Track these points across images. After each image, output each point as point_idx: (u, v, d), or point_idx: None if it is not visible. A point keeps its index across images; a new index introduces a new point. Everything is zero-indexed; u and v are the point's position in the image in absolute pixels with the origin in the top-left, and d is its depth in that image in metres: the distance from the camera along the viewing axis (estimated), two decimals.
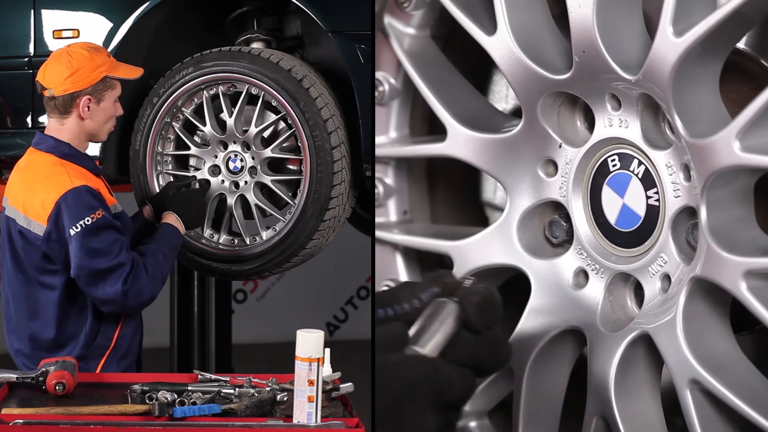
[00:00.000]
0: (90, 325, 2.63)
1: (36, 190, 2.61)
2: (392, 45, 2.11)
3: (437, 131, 2.07)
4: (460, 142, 1.99)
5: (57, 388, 2.26)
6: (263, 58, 2.84)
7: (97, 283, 2.56)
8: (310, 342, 1.99)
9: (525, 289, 1.96)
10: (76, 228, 2.54)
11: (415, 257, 2.20)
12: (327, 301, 6.79)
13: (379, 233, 2.17)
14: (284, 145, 2.86)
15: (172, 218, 2.82)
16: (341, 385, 2.24)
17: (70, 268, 2.58)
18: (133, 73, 2.79)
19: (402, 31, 2.12)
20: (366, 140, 2.75)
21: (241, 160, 2.90)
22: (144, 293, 2.59)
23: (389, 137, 2.18)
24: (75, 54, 2.69)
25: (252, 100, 2.88)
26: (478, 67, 2.17)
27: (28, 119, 3.07)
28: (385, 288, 2.15)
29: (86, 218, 2.55)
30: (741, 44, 1.73)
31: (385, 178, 2.19)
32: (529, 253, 1.96)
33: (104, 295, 2.56)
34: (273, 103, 2.84)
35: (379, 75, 2.16)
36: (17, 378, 2.33)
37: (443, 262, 2.16)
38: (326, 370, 2.17)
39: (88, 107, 2.68)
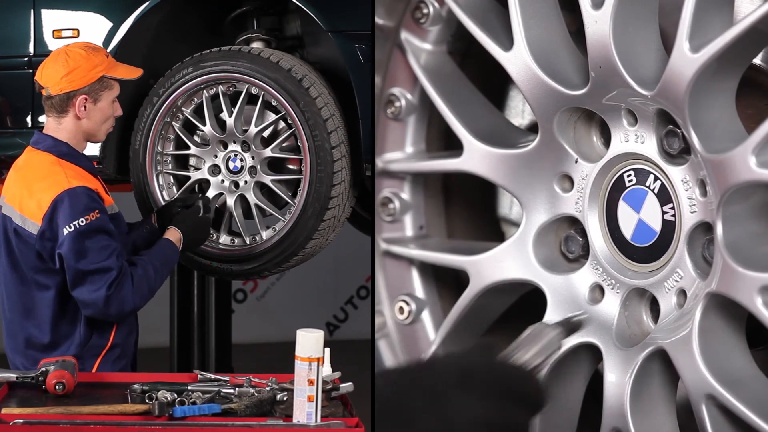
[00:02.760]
0: (85, 325, 2.62)
1: (33, 189, 2.61)
2: (409, 60, 2.11)
3: (453, 146, 2.07)
4: (476, 157, 1.99)
5: (57, 387, 2.26)
6: (263, 57, 2.84)
7: (82, 284, 2.54)
8: (310, 342, 1.99)
9: (541, 305, 1.96)
10: (69, 228, 2.53)
11: (431, 272, 2.20)
12: (327, 301, 6.79)
13: (395, 248, 2.17)
14: (284, 144, 2.86)
15: (174, 235, 2.79)
16: (341, 385, 2.24)
17: (62, 268, 2.58)
18: (132, 73, 2.78)
19: (419, 47, 2.12)
20: (366, 140, 2.75)
21: (241, 160, 2.90)
22: (126, 303, 2.56)
23: (405, 152, 2.18)
24: (72, 53, 2.69)
25: (252, 99, 2.88)
26: (494, 83, 2.17)
27: (28, 119, 3.08)
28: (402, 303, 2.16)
29: (81, 219, 2.54)
30: (757, 60, 1.74)
31: (402, 193, 2.19)
32: (545, 269, 1.96)
33: (87, 298, 2.54)
34: (273, 103, 2.84)
35: (395, 90, 2.16)
36: (17, 378, 2.33)
37: (459, 277, 2.16)
38: (326, 369, 2.17)
39: (85, 107, 2.67)
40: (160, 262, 2.70)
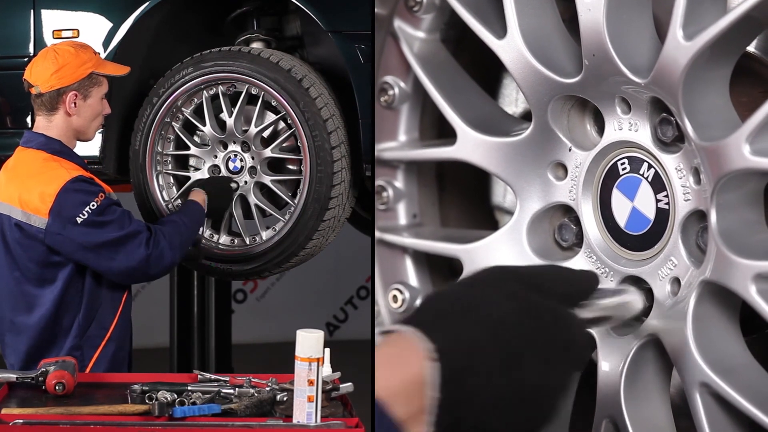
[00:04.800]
0: (84, 314, 2.64)
1: (31, 185, 2.62)
2: (402, 48, 2.10)
3: (447, 135, 2.07)
4: (469, 145, 1.99)
5: (57, 388, 2.26)
6: (263, 58, 2.84)
7: (119, 252, 2.59)
8: (310, 342, 1.99)
9: None
10: (83, 215, 2.57)
11: (424, 261, 2.20)
12: (327, 301, 6.79)
13: (388, 237, 2.17)
14: (284, 145, 2.86)
15: (199, 196, 2.84)
16: (341, 385, 2.24)
17: (73, 259, 2.60)
18: (120, 70, 2.81)
19: (412, 35, 2.11)
20: (366, 140, 2.75)
21: (241, 160, 2.90)
22: (165, 258, 2.63)
23: (399, 141, 2.18)
24: (61, 51, 2.71)
25: (252, 100, 2.88)
26: (488, 71, 2.17)
27: (28, 119, 3.07)
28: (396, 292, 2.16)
29: (91, 203, 2.58)
30: (751, 47, 1.73)
31: (395, 181, 2.19)
32: (539, 257, 1.96)
33: (128, 263, 2.59)
34: (273, 103, 2.84)
35: (388, 78, 2.15)
36: (17, 378, 2.33)
37: (453, 265, 2.16)
38: (326, 370, 2.17)
39: (75, 103, 2.68)
40: (189, 219, 2.77)
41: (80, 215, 2.56)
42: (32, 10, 3.08)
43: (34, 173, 2.64)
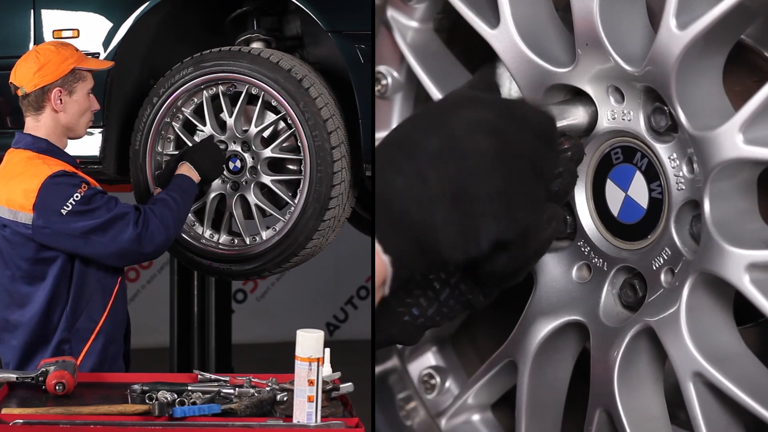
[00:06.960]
0: (71, 307, 2.64)
1: (14, 184, 2.63)
2: (395, 38, 2.10)
3: None
4: None
5: (57, 388, 2.26)
6: (263, 58, 2.84)
7: (108, 235, 2.58)
8: (310, 342, 1.99)
9: (527, 282, 1.95)
10: (68, 206, 2.57)
11: None
12: (327, 301, 6.79)
13: None
14: (284, 145, 2.86)
15: (184, 168, 2.84)
16: (341, 385, 2.24)
17: (63, 250, 2.60)
18: (102, 64, 2.84)
19: (405, 25, 2.12)
20: (366, 140, 2.76)
21: (241, 160, 2.90)
22: (157, 237, 2.63)
23: None
24: (42, 50, 2.74)
25: (252, 100, 2.88)
26: (481, 60, 2.17)
27: None
28: None
29: (74, 195, 2.58)
30: (744, 36, 1.73)
31: None
32: None
33: (119, 244, 2.59)
34: (273, 103, 2.84)
35: (381, 68, 2.15)
36: (17, 378, 2.33)
37: None
38: (326, 370, 2.17)
39: (60, 99, 2.70)
40: (177, 193, 2.76)
41: (65, 207, 2.57)
42: (32, 10, 3.09)
43: (17, 173, 2.66)
